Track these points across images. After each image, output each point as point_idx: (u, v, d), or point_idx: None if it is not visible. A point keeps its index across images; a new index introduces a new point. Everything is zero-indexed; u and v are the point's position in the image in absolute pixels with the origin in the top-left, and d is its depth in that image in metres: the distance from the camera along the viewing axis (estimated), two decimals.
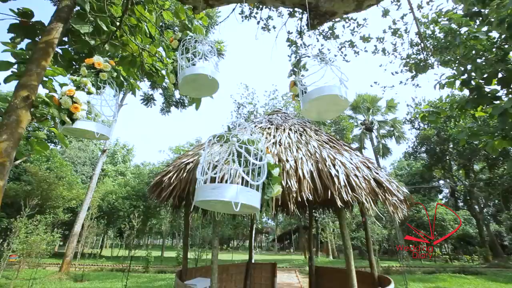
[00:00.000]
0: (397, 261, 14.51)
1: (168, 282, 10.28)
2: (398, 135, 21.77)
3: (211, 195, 0.98)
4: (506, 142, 9.35)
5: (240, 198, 0.95)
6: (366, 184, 3.45)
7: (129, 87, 3.07)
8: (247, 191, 1.00)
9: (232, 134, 1.10)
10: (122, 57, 2.83)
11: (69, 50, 2.39)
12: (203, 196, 1.00)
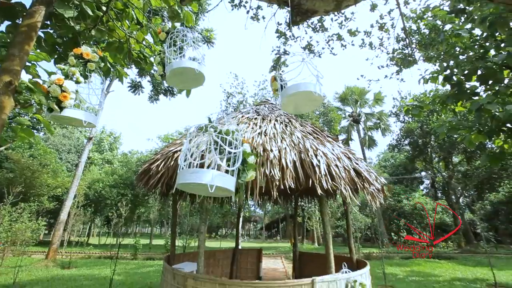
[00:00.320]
0: (378, 248, 15.27)
1: (156, 268, 10.47)
2: (384, 128, 22.39)
3: (190, 178, 1.11)
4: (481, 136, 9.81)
5: (215, 182, 1.09)
6: (346, 173, 3.66)
7: (116, 74, 3.07)
8: (223, 175, 1.13)
9: (210, 125, 1.22)
10: (108, 43, 2.78)
11: (52, 34, 2.35)
12: (183, 180, 1.13)
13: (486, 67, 7.95)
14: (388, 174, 28.06)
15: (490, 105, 7.07)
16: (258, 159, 3.19)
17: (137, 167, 21.48)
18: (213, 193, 1.11)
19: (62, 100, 1.28)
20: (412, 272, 9.90)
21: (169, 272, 4.24)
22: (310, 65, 1.48)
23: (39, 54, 2.16)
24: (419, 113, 9.79)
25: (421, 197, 24.22)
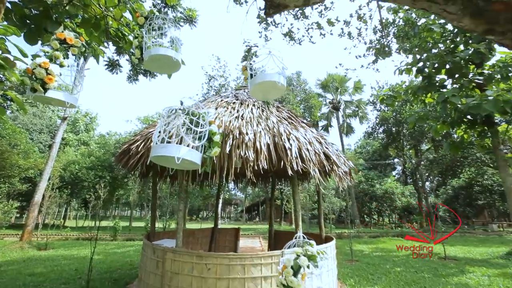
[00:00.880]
0: (349, 228, 16.39)
1: (136, 248, 10.64)
2: (362, 115, 23.27)
3: (160, 152, 1.31)
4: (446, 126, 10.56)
5: (182, 155, 1.29)
6: (316, 157, 3.99)
7: (92, 52, 3.07)
8: (189, 150, 1.34)
9: (181, 108, 1.41)
10: (83, 19, 2.72)
11: (21, 6, 2.31)
12: (155, 153, 1.33)
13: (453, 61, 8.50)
14: (363, 160, 29.48)
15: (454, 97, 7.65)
16: (233, 142, 3.41)
17: (116, 149, 20.97)
18: (181, 165, 1.31)
19: (47, 82, 1.40)
20: (377, 248, 10.85)
21: (149, 247, 4.48)
22: (276, 58, 1.68)
23: (7, 27, 2.14)
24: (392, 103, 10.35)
25: (392, 182, 25.86)
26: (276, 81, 1.59)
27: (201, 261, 3.73)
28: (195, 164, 1.42)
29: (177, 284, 3.79)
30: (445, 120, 9.23)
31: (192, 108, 1.50)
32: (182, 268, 3.81)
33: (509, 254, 8.24)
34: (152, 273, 4.16)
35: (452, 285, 5.49)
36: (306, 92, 19.65)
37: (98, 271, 6.64)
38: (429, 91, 9.75)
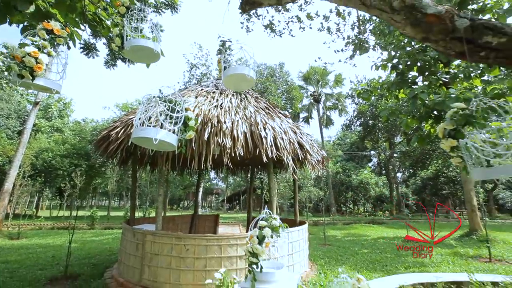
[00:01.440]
0: (324, 216, 17.22)
1: (115, 236, 10.61)
2: (341, 108, 24.04)
3: (140, 133, 1.49)
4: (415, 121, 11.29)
5: (160, 136, 1.48)
6: (290, 145, 4.27)
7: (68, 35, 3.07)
8: (166, 132, 1.53)
9: (159, 95, 1.58)
10: (58, 0, 2.67)
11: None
12: (135, 134, 1.50)
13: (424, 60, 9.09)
14: (342, 151, 30.62)
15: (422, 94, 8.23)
16: (212, 130, 3.59)
17: (93, 137, 20.27)
18: (158, 146, 1.49)
19: (36, 70, 1.50)
20: (349, 234, 11.60)
21: (129, 231, 4.61)
22: (247, 53, 1.88)
23: None
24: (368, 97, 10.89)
25: (367, 173, 27.19)
26: (245, 74, 1.79)
27: (180, 242, 3.94)
28: (172, 145, 1.61)
29: (156, 264, 3.99)
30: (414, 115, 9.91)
31: (169, 96, 1.67)
32: (161, 249, 4.00)
33: (461, 237, 9.20)
34: (132, 255, 4.32)
35: (410, 263, 6.12)
36: (288, 83, 19.92)
37: (76, 257, 6.64)
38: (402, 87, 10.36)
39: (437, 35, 1.79)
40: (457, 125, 1.59)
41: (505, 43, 1.70)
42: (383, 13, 1.92)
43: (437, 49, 1.95)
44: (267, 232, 1.84)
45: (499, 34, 1.71)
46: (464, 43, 1.73)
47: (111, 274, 4.87)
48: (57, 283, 4.70)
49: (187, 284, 3.84)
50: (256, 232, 1.88)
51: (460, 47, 1.78)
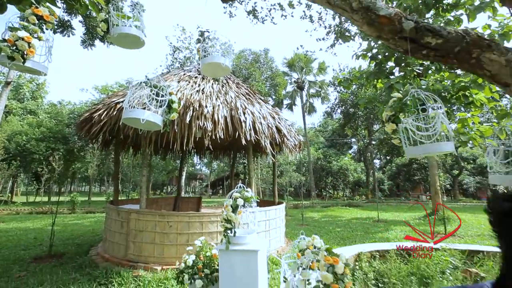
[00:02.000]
0: (304, 200, 18.03)
1: (98, 219, 10.65)
2: (324, 96, 24.55)
3: (129, 114, 1.69)
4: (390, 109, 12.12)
5: (146, 117, 1.69)
6: (268, 129, 4.55)
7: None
8: (152, 114, 1.74)
9: (145, 81, 1.77)
10: None
11: None
12: (125, 115, 1.70)
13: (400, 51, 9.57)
14: (324, 138, 31.53)
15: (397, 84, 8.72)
16: (194, 114, 3.78)
17: (70, 120, 19.57)
18: (145, 126, 1.70)
19: (28, 54, 1.63)
20: (326, 215, 12.34)
21: (113, 210, 4.79)
22: (223, 44, 2.09)
23: None
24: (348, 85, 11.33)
25: (347, 160, 28.34)
26: (221, 63, 2.01)
27: (164, 219, 4.20)
28: (157, 125, 1.82)
29: (141, 240, 4.24)
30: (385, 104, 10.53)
31: (155, 81, 1.86)
32: (145, 226, 4.25)
33: (423, 217, 10.15)
34: (117, 233, 4.54)
35: (376, 239, 6.77)
36: (272, 70, 19.99)
37: (59, 238, 6.72)
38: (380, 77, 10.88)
39: (388, 34, 2.08)
40: (395, 111, 1.92)
41: (441, 44, 2.03)
42: (344, 12, 2.18)
43: (389, 46, 2.25)
44: (240, 202, 2.14)
45: (437, 36, 2.02)
46: (408, 42, 2.03)
47: (97, 251, 5.07)
48: (42, 261, 4.83)
49: (171, 257, 4.14)
50: (230, 202, 2.18)
51: (406, 45, 2.09)
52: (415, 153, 1.79)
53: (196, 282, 2.26)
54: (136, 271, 4.00)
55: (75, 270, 4.28)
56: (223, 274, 2.13)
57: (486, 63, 1.98)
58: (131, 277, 3.83)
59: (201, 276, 2.31)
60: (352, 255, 3.48)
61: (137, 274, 3.91)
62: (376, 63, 10.61)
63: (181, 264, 2.43)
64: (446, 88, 4.82)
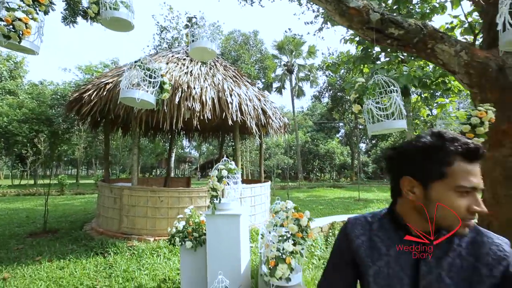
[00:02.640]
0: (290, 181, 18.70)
1: (88, 200, 10.80)
2: (313, 80, 24.71)
3: (126, 94, 1.89)
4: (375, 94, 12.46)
5: (141, 96, 1.90)
6: (254, 111, 4.80)
7: None
8: (146, 93, 1.95)
9: (138, 63, 1.96)
10: None
11: None
12: (122, 95, 1.91)
13: None
14: (312, 122, 32.04)
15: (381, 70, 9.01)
16: (182, 95, 3.96)
17: (54, 101, 19.01)
18: (140, 104, 1.91)
19: (24, 34, 1.78)
20: (311, 195, 12.96)
21: (106, 188, 5.01)
22: (209, 30, 2.28)
23: None
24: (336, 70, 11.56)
25: (334, 143, 29.09)
26: (207, 47, 2.21)
27: (155, 195, 4.47)
28: (151, 104, 2.03)
29: (134, 214, 4.52)
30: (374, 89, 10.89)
31: (148, 64, 2.05)
32: (138, 201, 4.51)
33: None
34: (111, 208, 4.79)
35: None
36: (262, 52, 19.83)
37: (52, 216, 6.89)
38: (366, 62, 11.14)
39: (357, 24, 2.33)
40: (359, 94, 2.21)
41: (403, 34, 2.29)
42: (319, 2, 2.39)
43: (359, 35, 2.50)
44: (224, 173, 2.43)
45: (399, 28, 2.29)
46: (374, 32, 2.29)
47: (91, 226, 5.33)
48: (38, 236, 5.05)
49: (162, 229, 4.46)
50: (216, 173, 2.46)
51: (372, 35, 2.34)
52: (375, 130, 2.11)
53: (186, 244, 2.59)
54: (130, 242, 4.31)
55: (71, 242, 4.55)
56: (210, 236, 2.46)
57: (439, 53, 2.28)
58: (125, 247, 4.14)
59: (190, 239, 2.64)
60: (327, 224, 3.90)
61: (131, 245, 4.22)
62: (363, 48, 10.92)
63: (173, 229, 2.74)
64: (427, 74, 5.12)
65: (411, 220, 0.80)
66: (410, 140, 0.82)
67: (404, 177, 0.78)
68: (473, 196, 0.71)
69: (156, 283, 3.07)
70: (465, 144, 0.71)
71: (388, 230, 0.85)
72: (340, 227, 4.03)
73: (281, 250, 1.66)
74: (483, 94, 2.24)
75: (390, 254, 0.81)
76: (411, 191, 0.77)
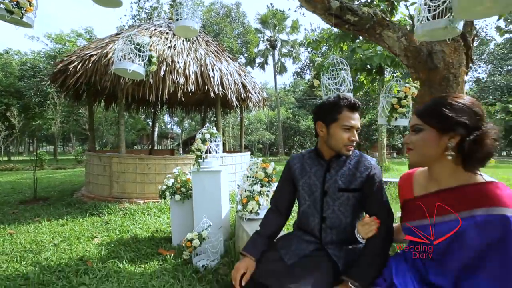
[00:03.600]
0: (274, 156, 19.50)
1: (71, 173, 10.89)
2: (295, 56, 24.80)
3: (119, 65, 2.22)
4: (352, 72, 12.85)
5: (132, 68, 2.24)
6: (235, 85, 5.16)
7: None
8: (137, 65, 2.28)
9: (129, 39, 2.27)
10: None
11: None
12: (116, 66, 2.22)
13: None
14: (294, 98, 32.52)
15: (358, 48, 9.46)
16: (167, 68, 4.23)
17: (23, 72, 17.93)
18: (132, 75, 2.25)
19: (27, 10, 2.01)
20: None
21: (94, 156, 5.31)
22: (193, 8, 2.58)
23: None
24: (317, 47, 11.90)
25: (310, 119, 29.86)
26: (190, 26, 2.54)
27: (143, 162, 4.86)
28: (141, 75, 2.37)
29: (123, 180, 4.92)
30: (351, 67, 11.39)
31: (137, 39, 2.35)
32: (127, 168, 4.89)
33: None
34: (101, 175, 5.14)
35: None
36: (244, 26, 19.46)
37: (39, 187, 7.06)
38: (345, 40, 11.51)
39: (320, 10, 2.73)
40: (317, 71, 2.68)
41: (357, 21, 2.73)
42: None
43: (323, 20, 2.91)
44: (207, 136, 2.88)
45: (355, 15, 2.72)
46: (334, 18, 2.71)
47: (81, 193, 5.68)
48: (29, 204, 5.30)
49: (150, 193, 4.92)
50: (200, 135, 2.91)
51: (333, 20, 2.77)
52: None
53: (176, 196, 3.08)
54: (122, 204, 4.75)
55: (65, 206, 4.90)
56: (196, 190, 2.96)
57: (385, 38, 2.76)
58: (118, 208, 4.58)
59: (179, 193, 3.13)
60: None
61: (123, 206, 4.66)
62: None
63: (163, 186, 3.21)
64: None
65: (323, 150, 1.32)
66: (324, 100, 1.32)
67: (318, 122, 1.29)
68: (352, 132, 1.22)
69: (150, 234, 3.59)
70: (349, 100, 1.21)
71: (313, 158, 1.37)
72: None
73: (251, 191, 2.18)
74: (416, 74, 2.79)
75: (312, 171, 1.33)
76: (321, 130, 1.28)
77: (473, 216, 0.78)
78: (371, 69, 11.31)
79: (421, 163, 0.96)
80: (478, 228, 0.77)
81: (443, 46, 2.59)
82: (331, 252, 1.22)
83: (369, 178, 1.23)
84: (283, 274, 1.17)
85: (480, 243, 0.76)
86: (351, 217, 1.25)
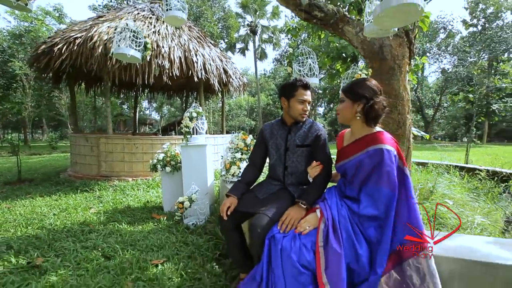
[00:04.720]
0: None
1: (49, 158, 10.69)
2: (276, 42, 24.98)
3: (119, 50, 2.54)
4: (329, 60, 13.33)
5: (130, 52, 2.57)
6: (217, 70, 5.50)
7: None
8: (134, 50, 2.61)
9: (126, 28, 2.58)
10: None
11: None
12: (116, 51, 2.54)
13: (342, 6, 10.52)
14: (274, 85, 32.93)
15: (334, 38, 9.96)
16: (152, 53, 4.49)
17: None
18: (130, 59, 2.58)
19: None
20: None
21: (80, 138, 5.50)
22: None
23: None
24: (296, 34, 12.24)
25: None
26: (177, 16, 2.87)
27: (130, 142, 5.15)
28: (138, 59, 2.71)
29: (112, 159, 5.20)
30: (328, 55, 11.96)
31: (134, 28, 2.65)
32: (115, 148, 5.16)
33: None
34: (88, 156, 5.36)
35: None
36: (225, 10, 19.26)
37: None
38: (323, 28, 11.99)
39: (292, 6, 3.16)
40: (290, 60, 3.15)
41: (323, 17, 3.20)
42: None
43: (296, 15, 3.35)
44: (194, 114, 3.29)
45: (321, 11, 3.19)
46: (303, 13, 3.16)
47: (67, 174, 5.85)
48: (15, 185, 5.36)
49: (138, 171, 5.25)
50: (188, 114, 3.31)
51: (303, 15, 3.22)
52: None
53: (166, 168, 3.49)
54: (111, 182, 5.06)
55: (54, 185, 5.11)
56: (184, 162, 3.38)
57: (346, 32, 3.27)
58: (108, 185, 4.89)
59: (169, 166, 3.55)
60: None
61: (112, 183, 4.98)
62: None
63: (154, 160, 3.60)
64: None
65: (286, 118, 1.82)
66: (287, 81, 1.80)
67: (282, 97, 1.77)
68: (305, 104, 1.72)
69: (142, 204, 3.99)
70: (303, 82, 1.70)
71: (279, 125, 1.86)
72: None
73: (233, 157, 2.65)
74: (371, 64, 3.34)
75: (278, 134, 1.83)
76: (284, 103, 1.77)
77: (368, 151, 1.32)
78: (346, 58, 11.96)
79: (344, 122, 1.48)
80: (369, 157, 1.31)
81: (391, 41, 3.16)
82: (291, 189, 1.75)
83: (317, 137, 1.74)
84: (256, 204, 1.68)
85: (370, 167, 1.31)
86: (305, 165, 1.77)
